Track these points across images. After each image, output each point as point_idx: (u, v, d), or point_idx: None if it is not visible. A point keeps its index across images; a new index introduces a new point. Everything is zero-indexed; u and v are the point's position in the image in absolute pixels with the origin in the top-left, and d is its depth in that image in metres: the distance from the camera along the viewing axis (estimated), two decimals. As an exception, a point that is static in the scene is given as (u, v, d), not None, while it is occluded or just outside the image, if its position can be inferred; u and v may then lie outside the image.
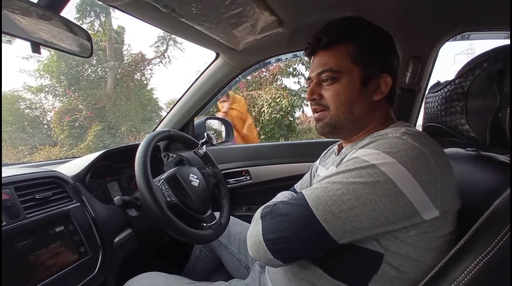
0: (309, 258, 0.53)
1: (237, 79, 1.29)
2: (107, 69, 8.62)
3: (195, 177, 0.90)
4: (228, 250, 0.96)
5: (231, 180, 1.39)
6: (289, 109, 6.59)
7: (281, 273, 0.59)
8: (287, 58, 1.28)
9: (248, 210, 1.40)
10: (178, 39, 8.76)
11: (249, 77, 6.91)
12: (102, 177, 0.99)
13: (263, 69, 6.93)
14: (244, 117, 3.13)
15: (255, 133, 3.29)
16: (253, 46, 1.03)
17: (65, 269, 0.64)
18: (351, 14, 0.60)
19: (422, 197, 0.42)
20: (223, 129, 1.66)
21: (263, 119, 6.57)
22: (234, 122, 2.99)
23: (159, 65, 9.61)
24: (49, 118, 8.17)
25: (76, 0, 8.00)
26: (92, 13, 8.36)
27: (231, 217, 0.98)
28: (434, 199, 0.42)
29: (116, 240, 0.81)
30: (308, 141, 1.93)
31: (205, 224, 0.82)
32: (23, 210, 0.63)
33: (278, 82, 7.12)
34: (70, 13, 7.86)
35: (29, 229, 0.62)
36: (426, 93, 0.67)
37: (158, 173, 0.89)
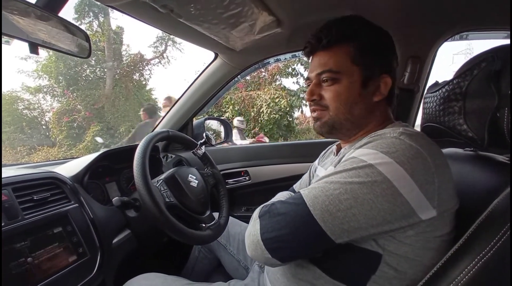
0: (307, 258, 0.53)
1: (236, 79, 1.29)
2: (105, 70, 8.61)
3: (194, 177, 0.90)
4: (227, 250, 0.95)
5: (230, 181, 1.39)
6: (287, 109, 6.60)
7: (280, 273, 0.59)
8: (286, 58, 1.28)
9: (247, 210, 1.40)
10: (177, 39, 8.77)
11: (248, 77, 6.93)
12: (101, 178, 0.98)
13: (262, 69, 6.95)
14: None
15: None
16: (252, 46, 1.03)
17: (63, 270, 0.64)
18: (350, 13, 0.60)
19: (419, 197, 0.42)
20: (222, 129, 1.66)
21: (262, 119, 6.58)
22: None
23: (158, 65, 9.63)
24: (47, 119, 8.16)
25: (74, 1, 8.00)
26: (91, 13, 8.36)
27: (230, 217, 0.98)
28: (431, 199, 0.42)
29: (114, 241, 0.81)
30: (307, 141, 1.93)
31: (204, 225, 0.82)
32: (21, 211, 0.63)
33: (277, 82, 7.14)
34: (69, 14, 7.86)
35: (28, 230, 0.62)
36: (425, 93, 0.67)
37: (157, 173, 0.89)
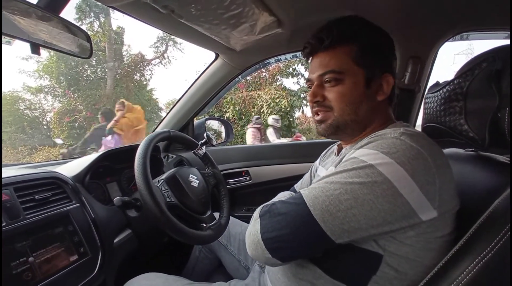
0: (307, 258, 0.53)
1: (236, 79, 1.29)
2: (106, 70, 8.63)
3: (195, 177, 0.90)
4: (227, 250, 0.96)
5: (231, 181, 1.39)
6: (288, 109, 6.60)
7: (280, 273, 0.59)
8: (286, 59, 1.28)
9: (248, 210, 1.40)
10: (178, 39, 8.78)
11: (248, 78, 6.93)
12: (102, 178, 0.99)
13: (263, 70, 6.95)
14: (135, 124, 3.97)
15: (143, 137, 4.05)
16: (253, 46, 1.03)
17: (64, 269, 0.64)
18: (351, 14, 0.60)
19: (419, 198, 0.42)
20: (222, 129, 1.66)
21: (262, 119, 6.57)
22: (122, 128, 3.93)
23: (158, 65, 9.65)
24: (48, 119, 8.17)
25: (75, 1, 8.02)
26: (92, 14, 8.38)
27: (230, 217, 0.98)
28: (432, 200, 0.42)
29: (115, 240, 0.81)
30: (308, 141, 1.93)
31: (204, 225, 0.82)
32: (23, 211, 0.63)
33: (278, 83, 7.13)
34: (70, 14, 7.90)
35: (29, 229, 0.62)
36: (425, 93, 0.67)
37: (157, 173, 0.89)
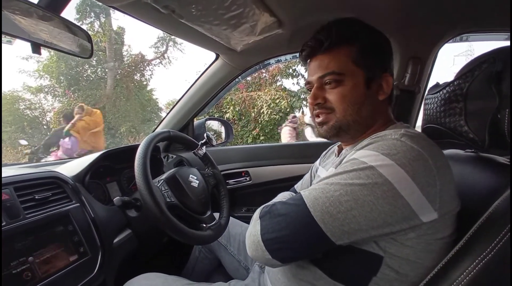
0: (308, 259, 0.53)
1: (236, 80, 1.29)
2: (106, 70, 8.64)
3: (195, 178, 0.90)
4: (227, 251, 0.96)
5: (230, 181, 1.39)
6: (288, 110, 6.60)
7: (280, 273, 0.59)
8: (286, 59, 1.28)
9: (248, 211, 1.40)
10: (178, 40, 8.78)
11: (248, 78, 6.93)
12: (102, 178, 0.99)
13: (263, 70, 6.95)
14: (91, 127, 4.18)
15: (100, 140, 4.38)
16: (253, 47, 1.03)
17: (64, 269, 0.64)
18: (351, 15, 0.60)
19: (420, 199, 0.42)
20: (222, 130, 1.66)
21: (262, 120, 6.58)
22: (79, 131, 4.14)
23: (159, 65, 9.65)
24: (48, 119, 8.17)
25: (76, 1, 8.03)
26: (92, 14, 8.39)
27: (230, 218, 0.98)
28: (432, 202, 0.42)
29: (115, 240, 0.81)
30: (308, 142, 1.93)
31: (204, 225, 0.82)
32: (23, 210, 0.63)
33: (278, 83, 7.13)
34: (70, 14, 7.91)
35: (29, 229, 0.62)
36: (425, 94, 0.67)
37: (157, 173, 0.89)
